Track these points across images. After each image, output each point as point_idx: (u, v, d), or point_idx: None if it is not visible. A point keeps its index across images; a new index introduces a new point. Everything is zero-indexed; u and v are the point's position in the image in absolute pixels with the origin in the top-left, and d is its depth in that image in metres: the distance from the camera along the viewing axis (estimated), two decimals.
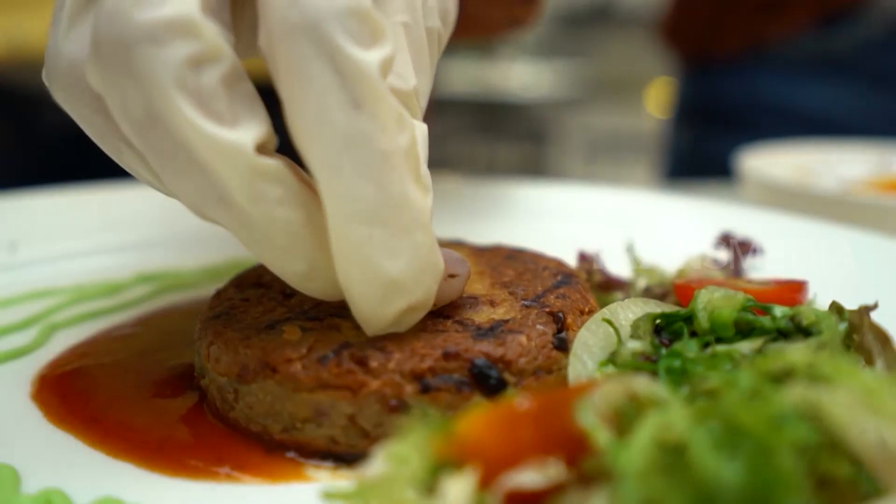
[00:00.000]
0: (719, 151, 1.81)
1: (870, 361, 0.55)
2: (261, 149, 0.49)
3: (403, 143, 0.50)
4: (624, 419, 0.39)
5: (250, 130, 0.49)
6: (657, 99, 5.96)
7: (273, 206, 0.50)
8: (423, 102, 0.59)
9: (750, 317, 0.57)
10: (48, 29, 0.54)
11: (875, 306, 0.57)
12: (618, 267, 0.86)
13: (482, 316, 0.62)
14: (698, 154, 2.07)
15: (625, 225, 1.02)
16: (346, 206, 0.48)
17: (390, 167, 0.49)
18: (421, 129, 0.57)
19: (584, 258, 0.85)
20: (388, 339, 0.57)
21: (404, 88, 0.55)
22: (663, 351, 0.55)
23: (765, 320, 0.56)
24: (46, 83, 0.54)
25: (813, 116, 1.88)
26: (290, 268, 0.53)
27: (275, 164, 0.49)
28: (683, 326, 0.57)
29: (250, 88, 0.50)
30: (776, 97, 1.91)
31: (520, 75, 6.79)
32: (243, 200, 0.49)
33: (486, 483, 0.38)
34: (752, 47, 1.92)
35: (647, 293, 0.78)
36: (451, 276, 0.59)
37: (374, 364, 0.55)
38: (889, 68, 1.83)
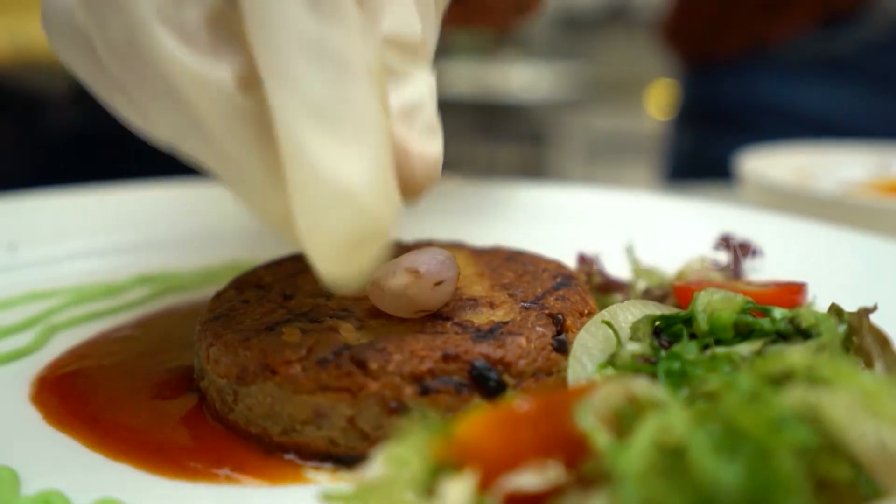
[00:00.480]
0: (721, 153, 1.81)
1: (869, 364, 0.55)
2: (243, 84, 0.48)
3: (366, 55, 0.46)
4: (623, 421, 0.39)
5: (231, 65, 0.47)
6: (657, 101, 5.97)
7: (252, 143, 0.48)
8: (430, 54, 0.58)
9: (749, 319, 0.57)
10: None
11: (874, 308, 0.57)
12: (617, 269, 0.86)
13: (481, 318, 0.62)
14: (700, 155, 2.07)
15: (624, 227, 1.02)
16: (297, 107, 0.44)
17: (351, 75, 0.45)
18: (429, 83, 0.54)
19: (583, 260, 0.85)
20: (388, 342, 0.57)
21: (411, 38, 0.53)
22: (663, 353, 0.55)
23: (764, 322, 0.56)
24: (44, 32, 0.53)
25: (814, 118, 1.88)
26: (269, 209, 0.49)
27: (255, 101, 0.48)
28: (683, 328, 0.57)
29: (234, 26, 0.49)
30: (777, 98, 1.91)
31: (520, 77, 6.79)
32: (222, 135, 0.47)
33: (485, 485, 0.38)
34: (753, 48, 1.92)
35: (647, 295, 0.78)
36: (438, 283, 0.59)
37: (373, 366, 0.55)
38: (890, 69, 1.83)
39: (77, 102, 1.43)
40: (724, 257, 0.88)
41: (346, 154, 0.45)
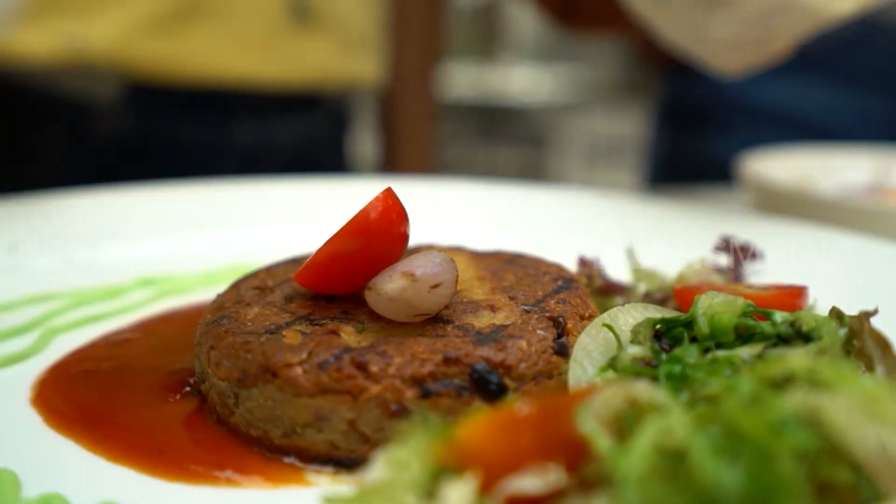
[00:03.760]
0: (698, 152, 1.84)
1: (870, 367, 0.55)
2: None
3: None
4: (624, 425, 0.39)
5: None
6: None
7: None
8: None
9: (750, 322, 0.57)
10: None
11: (875, 312, 0.57)
12: (618, 272, 0.86)
13: (482, 321, 0.62)
14: (679, 155, 2.08)
15: (625, 229, 1.02)
16: None
17: None
18: None
19: (584, 263, 0.85)
20: (389, 344, 0.57)
21: None
22: (663, 356, 0.55)
23: (765, 326, 0.56)
24: None
25: (785, 115, 1.89)
26: None
27: None
28: (683, 332, 0.57)
29: None
30: (748, 96, 1.92)
31: (520, 79, 6.79)
32: None
33: (486, 488, 0.38)
34: None
35: (648, 298, 0.78)
36: (435, 286, 0.59)
37: (374, 369, 0.55)
38: (858, 66, 1.84)
39: (125, 109, 1.47)
40: (724, 260, 0.88)
41: None
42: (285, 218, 1.11)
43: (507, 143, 6.52)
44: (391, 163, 1.97)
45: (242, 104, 1.57)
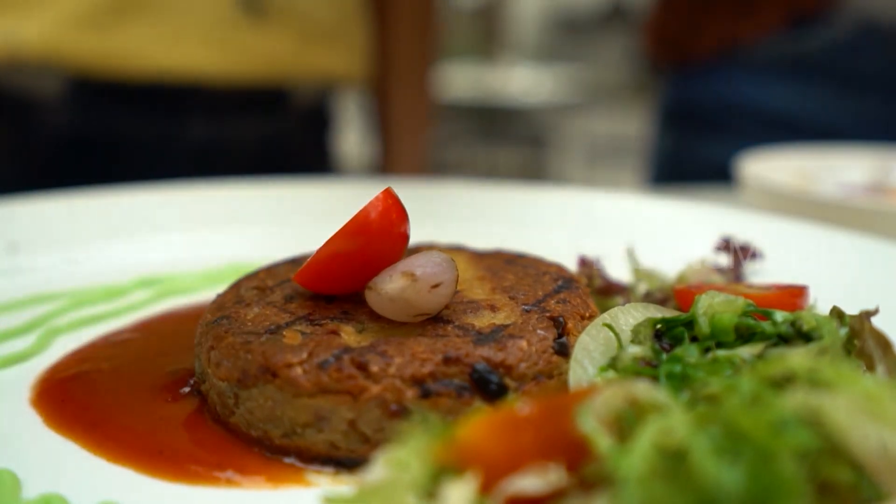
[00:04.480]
0: (698, 154, 1.85)
1: (871, 367, 0.55)
2: None
3: None
4: (625, 424, 0.39)
5: None
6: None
7: None
8: None
9: (751, 322, 0.57)
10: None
11: (876, 311, 0.57)
12: (618, 272, 0.86)
13: (483, 321, 0.62)
14: (680, 157, 2.09)
15: (625, 229, 1.02)
16: None
17: None
18: None
19: (584, 263, 0.84)
20: (389, 344, 0.57)
21: None
22: (664, 356, 0.55)
23: (765, 325, 0.56)
24: None
25: (784, 118, 1.91)
26: None
27: None
28: (684, 331, 0.57)
29: None
30: (748, 99, 1.94)
31: (520, 80, 6.79)
32: None
33: (486, 488, 0.38)
34: (725, 49, 1.95)
35: (648, 298, 0.78)
36: (435, 285, 0.59)
37: (374, 369, 0.55)
38: (855, 69, 1.85)
39: (71, 104, 1.45)
40: (724, 260, 0.88)
41: None
42: (285, 218, 1.11)
43: (507, 144, 6.52)
44: (384, 164, 1.93)
45: (193, 99, 1.52)
